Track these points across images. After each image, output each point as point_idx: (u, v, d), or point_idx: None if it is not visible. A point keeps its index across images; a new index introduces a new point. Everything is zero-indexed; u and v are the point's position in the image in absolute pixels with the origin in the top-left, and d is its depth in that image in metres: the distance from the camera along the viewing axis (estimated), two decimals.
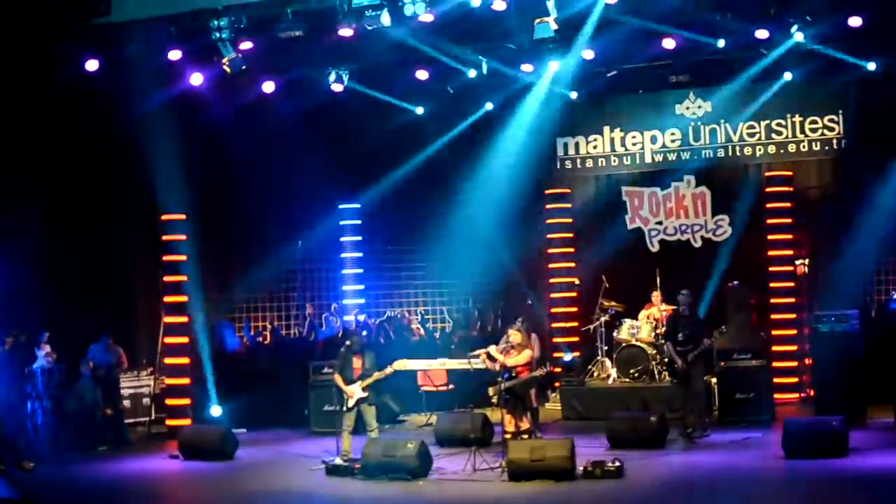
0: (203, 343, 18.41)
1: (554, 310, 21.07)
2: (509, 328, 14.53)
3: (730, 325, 17.04)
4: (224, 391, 18.02)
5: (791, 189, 19.58)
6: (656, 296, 18.64)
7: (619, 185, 21.37)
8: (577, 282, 20.94)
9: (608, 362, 18.59)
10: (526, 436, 14.06)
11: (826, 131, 19.89)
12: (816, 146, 19.97)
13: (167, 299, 18.39)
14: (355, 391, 14.21)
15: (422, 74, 19.12)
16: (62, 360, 17.36)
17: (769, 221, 19.48)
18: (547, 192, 21.23)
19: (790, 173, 19.70)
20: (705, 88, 20.31)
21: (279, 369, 18.99)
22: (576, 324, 20.54)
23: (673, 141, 20.81)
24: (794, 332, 19.07)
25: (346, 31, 15.84)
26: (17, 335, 16.65)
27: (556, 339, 20.62)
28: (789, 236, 19.44)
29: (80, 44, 16.71)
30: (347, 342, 14.73)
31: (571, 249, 21.13)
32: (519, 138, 20.63)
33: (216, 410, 17.81)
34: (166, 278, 18.38)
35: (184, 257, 18.30)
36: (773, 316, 19.25)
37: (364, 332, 18.77)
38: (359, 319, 20.97)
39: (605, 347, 18.89)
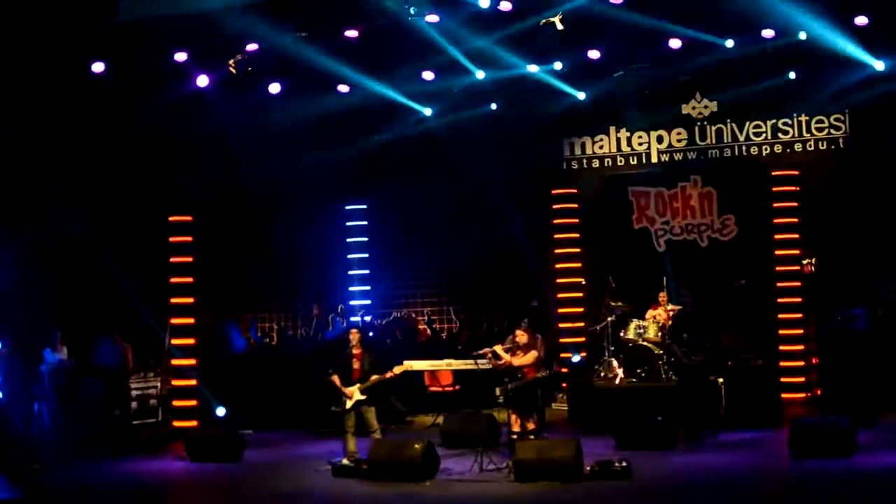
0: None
1: (560, 310, 21.00)
2: (516, 329, 14.55)
3: (737, 325, 17.06)
4: (231, 392, 18.05)
5: (798, 188, 19.50)
6: (663, 296, 18.61)
7: (625, 185, 21.37)
8: (583, 282, 20.90)
9: (615, 362, 18.54)
10: (533, 436, 14.09)
11: (833, 130, 19.82)
12: (823, 145, 19.91)
13: (174, 300, 18.41)
14: (354, 392, 14.21)
15: (427, 75, 19.12)
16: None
17: (776, 221, 19.42)
18: (553, 192, 21.21)
19: (797, 173, 19.61)
20: (712, 88, 20.30)
21: (285, 370, 19.06)
22: (582, 324, 20.50)
23: (679, 141, 20.77)
24: (801, 331, 19.00)
25: (351, 33, 15.86)
26: (23, 335, 16.67)
27: (563, 339, 20.55)
28: (796, 236, 19.39)
29: (87, 46, 16.74)
30: (348, 336, 14.77)
31: (578, 249, 21.05)
32: (525, 139, 20.65)
33: (221, 411, 17.85)
34: (173, 280, 18.40)
35: (190, 259, 18.32)
36: (780, 315, 19.16)
37: (370, 333, 18.78)
38: (365, 320, 20.99)
39: (612, 347, 18.87)
